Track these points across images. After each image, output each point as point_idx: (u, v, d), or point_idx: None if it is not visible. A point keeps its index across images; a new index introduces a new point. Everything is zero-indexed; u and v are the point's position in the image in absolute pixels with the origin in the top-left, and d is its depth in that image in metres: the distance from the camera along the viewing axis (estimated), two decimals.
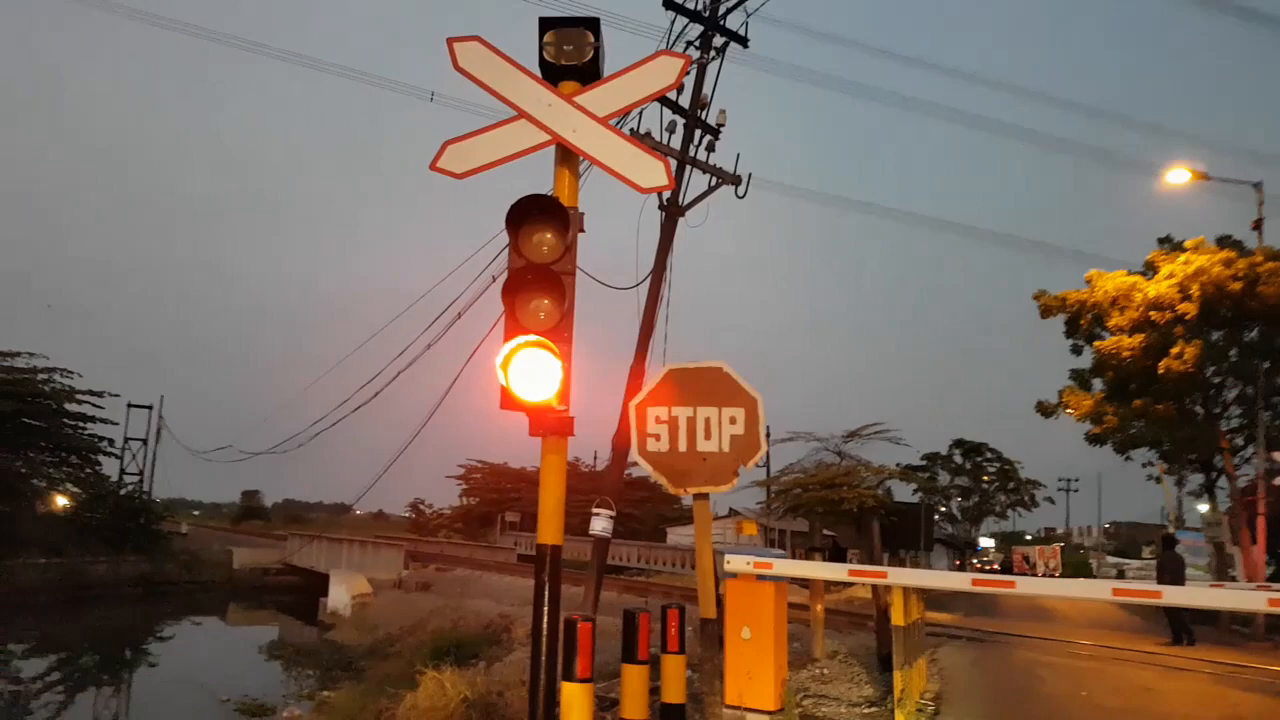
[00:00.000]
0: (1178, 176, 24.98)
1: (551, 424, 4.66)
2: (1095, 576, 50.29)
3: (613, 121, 4.93)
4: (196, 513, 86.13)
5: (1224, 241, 25.68)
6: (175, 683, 20.84)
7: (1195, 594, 7.60)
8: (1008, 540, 73.58)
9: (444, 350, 14.54)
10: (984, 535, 68.61)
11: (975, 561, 56.33)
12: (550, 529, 4.76)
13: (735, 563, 6.80)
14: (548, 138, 4.82)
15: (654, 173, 4.78)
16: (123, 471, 45.05)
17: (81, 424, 37.86)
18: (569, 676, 4.21)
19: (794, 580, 8.17)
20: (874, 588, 10.10)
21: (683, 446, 6.33)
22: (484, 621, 16.79)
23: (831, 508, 34.12)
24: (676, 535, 45.11)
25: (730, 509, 39.59)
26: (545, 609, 4.62)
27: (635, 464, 10.97)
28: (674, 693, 5.09)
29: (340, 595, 26.11)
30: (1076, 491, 71.32)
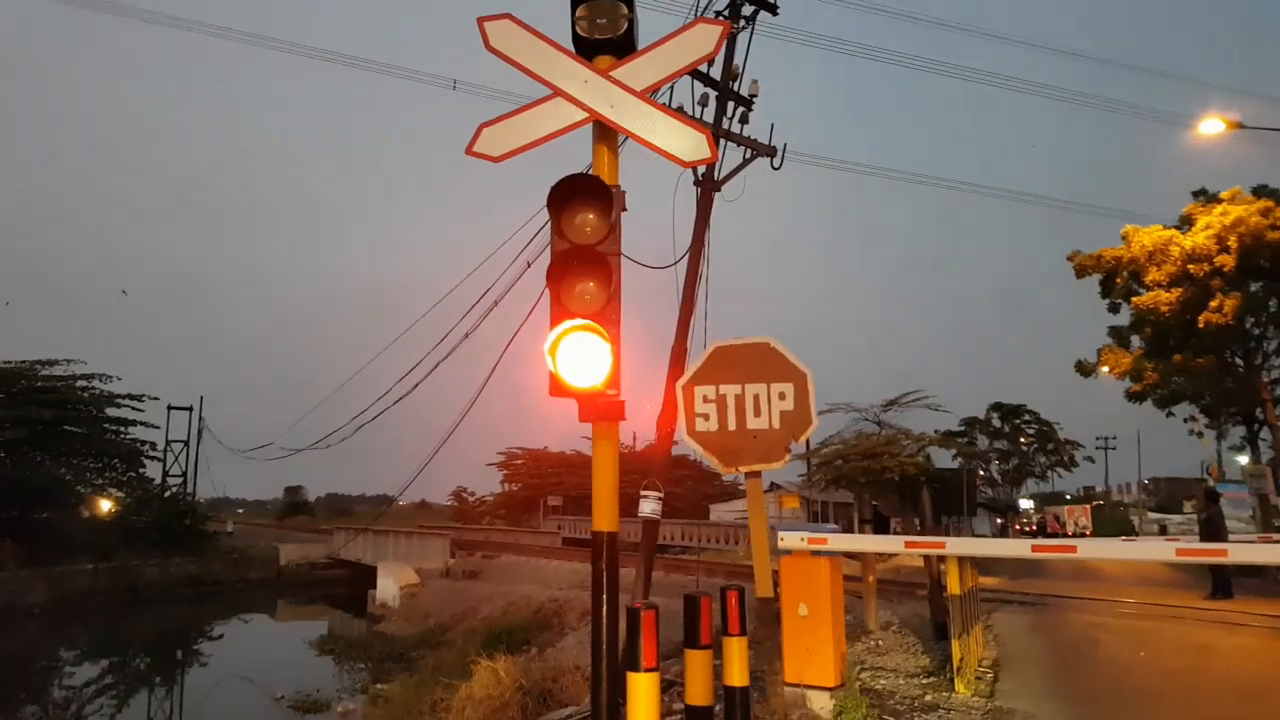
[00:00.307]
0: (1211, 127, 24.35)
1: (602, 409, 4.55)
2: (1137, 533, 49.86)
3: (651, 95, 4.81)
4: (241, 511, 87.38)
5: (1260, 191, 25.14)
6: (228, 681, 21.15)
7: (1261, 550, 7.42)
8: (1046, 501, 73.00)
9: (482, 338, 14.51)
10: (1023, 497, 68.02)
11: (1015, 525, 55.95)
12: (605, 516, 4.64)
13: (790, 539, 6.71)
14: (585, 115, 4.69)
15: (696, 145, 4.64)
16: (165, 474, 45.72)
17: (123, 428, 38.45)
18: (633, 666, 4.12)
19: (845, 553, 8.07)
20: (926, 557, 9.97)
21: (732, 425, 6.22)
22: (534, 607, 16.86)
23: (874, 477, 34.00)
24: (719, 511, 45.06)
25: (772, 483, 39.43)
26: (604, 597, 4.55)
27: (677, 443, 10.86)
28: (737, 675, 5.01)
29: (388, 586, 26.35)
30: (1114, 449, 70.20)
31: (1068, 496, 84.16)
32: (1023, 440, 60.19)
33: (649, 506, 8.33)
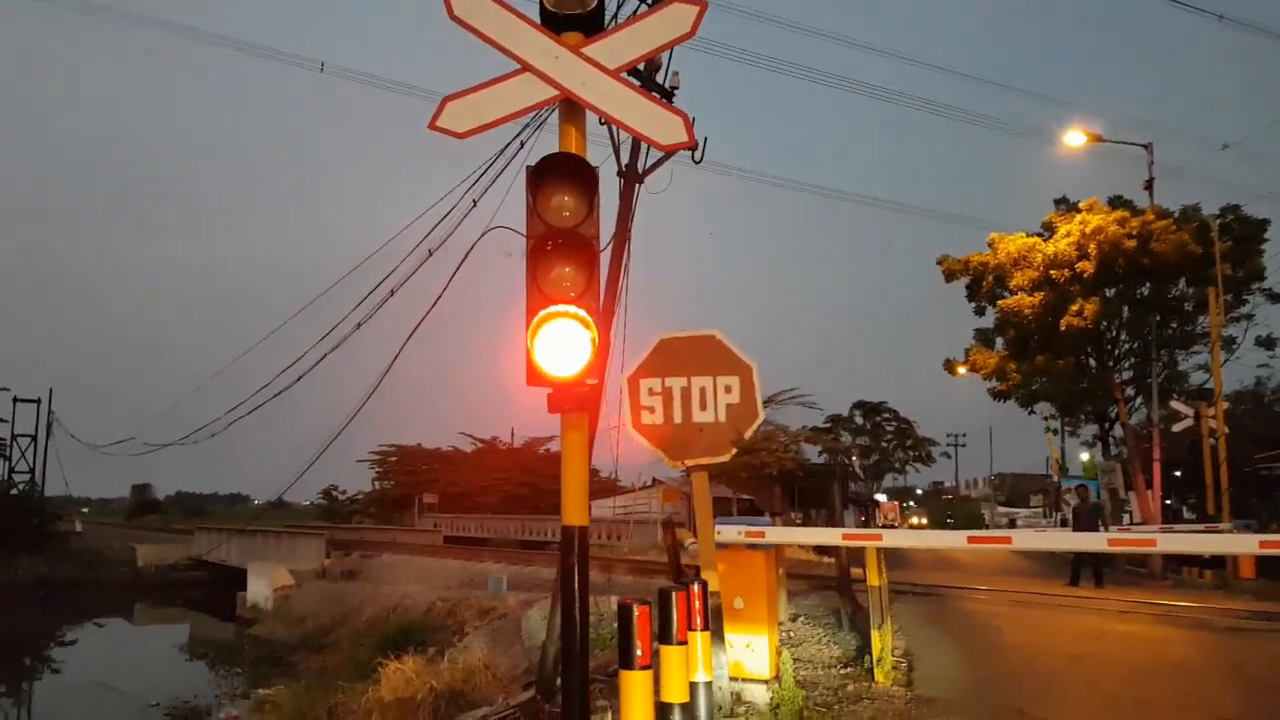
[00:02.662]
0: (1074, 139, 26.04)
1: (575, 399, 4.37)
2: (988, 526, 52.87)
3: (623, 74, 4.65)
4: (86, 510, 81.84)
5: (1116, 201, 26.84)
6: (87, 689, 19.70)
7: (1186, 540, 7.90)
8: (901, 495, 76.48)
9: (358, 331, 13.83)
10: (879, 492, 70.87)
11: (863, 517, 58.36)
12: (575, 510, 4.47)
13: (727, 533, 6.68)
14: (555, 92, 4.49)
15: (672, 128, 4.52)
16: (11, 470, 42.36)
17: None
18: (628, 664, 3.99)
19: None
20: (838, 549, 10.17)
21: (678, 418, 6.13)
22: (423, 607, 16.37)
23: (754, 472, 34.58)
24: (599, 507, 45.12)
25: (654, 479, 39.75)
26: (576, 593, 4.38)
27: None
28: (703, 670, 4.94)
29: (260, 588, 25.16)
30: (964, 446, 74.20)
31: (919, 491, 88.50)
32: (884, 437, 62.72)
33: None
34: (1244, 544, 8.25)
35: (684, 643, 4.46)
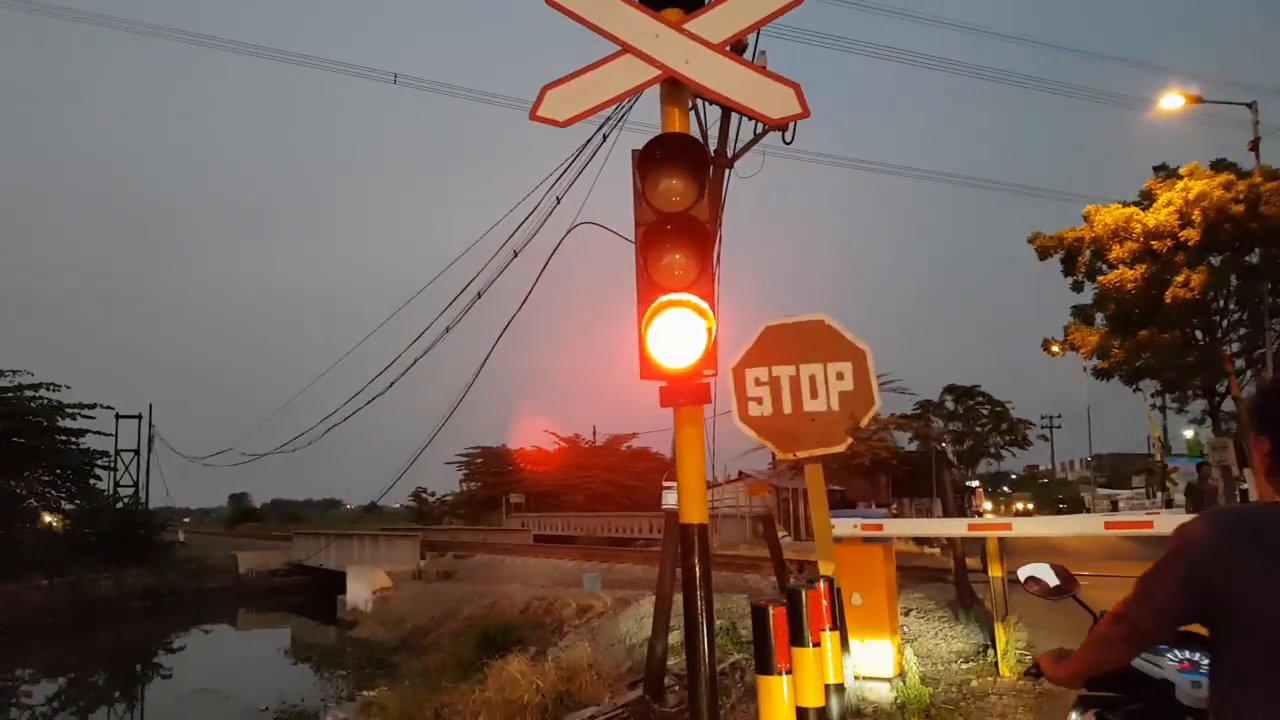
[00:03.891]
0: (1172, 102, 24.74)
1: (688, 392, 4.17)
2: (1090, 510, 50.99)
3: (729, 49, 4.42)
4: (188, 520, 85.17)
5: (1219, 165, 25.56)
6: (197, 694, 20.31)
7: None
8: (995, 481, 74.32)
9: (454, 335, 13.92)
10: (971, 479, 69.11)
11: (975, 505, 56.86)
12: (694, 506, 4.28)
13: (842, 526, 6.41)
14: (657, 73, 4.28)
15: (785, 101, 4.25)
16: (116, 484, 44.21)
17: (74, 438, 37.08)
18: (766, 669, 3.78)
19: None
20: (953, 540, 9.77)
21: (788, 408, 5.89)
22: (519, 606, 16.40)
23: (845, 462, 33.90)
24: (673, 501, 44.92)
25: (740, 471, 39.40)
26: (699, 594, 4.19)
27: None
28: (835, 672, 4.71)
29: (360, 591, 25.66)
30: (1059, 428, 71.73)
31: (1013, 476, 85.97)
32: (978, 421, 61.01)
33: (673, 498, 7.95)
34: None
35: (818, 644, 4.22)
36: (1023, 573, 2.84)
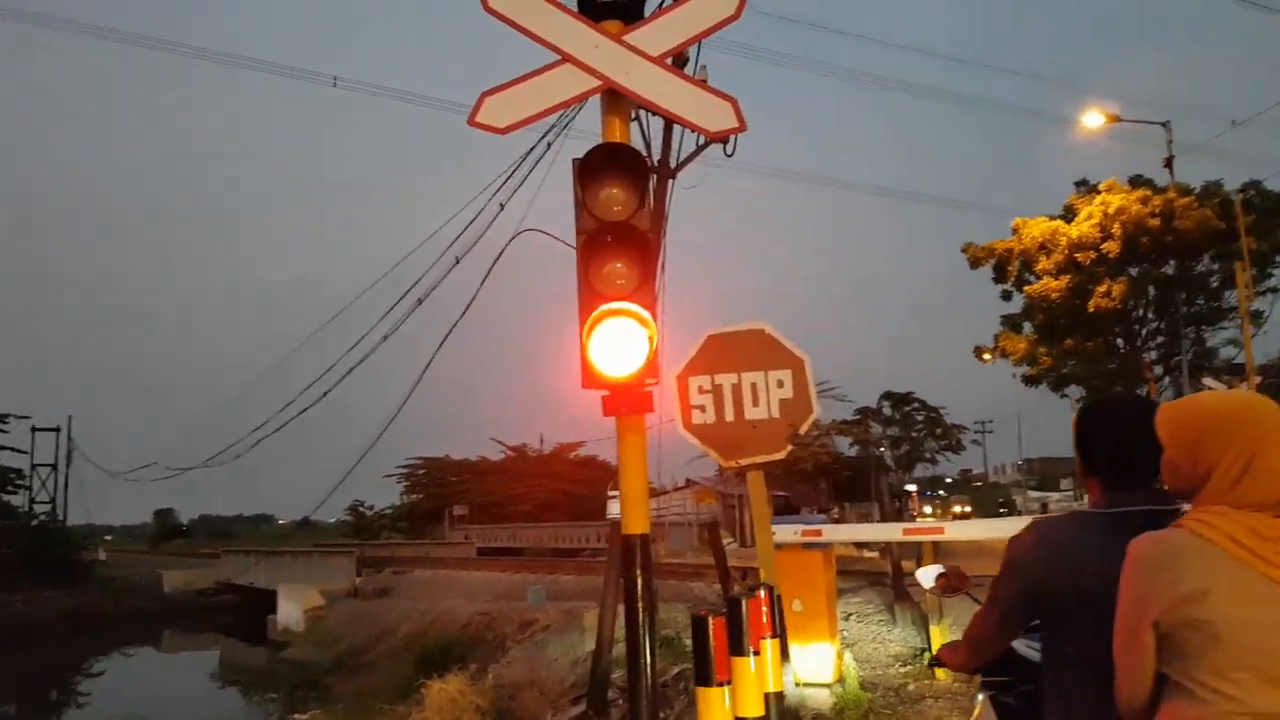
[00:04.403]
0: (1092, 120, 25.65)
1: (632, 401, 4.17)
2: (1021, 513, 52.32)
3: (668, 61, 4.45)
4: (109, 537, 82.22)
5: (1137, 181, 26.55)
6: None
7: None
8: (931, 484, 75.84)
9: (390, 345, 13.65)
10: (909, 483, 70.34)
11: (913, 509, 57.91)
12: (637, 517, 4.28)
13: (783, 533, 6.47)
14: (598, 83, 4.29)
15: (722, 114, 4.31)
16: (32, 500, 42.47)
17: None
18: (706, 681, 3.77)
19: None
20: (889, 545, 9.92)
21: (730, 416, 5.92)
22: (461, 622, 16.14)
23: (789, 468, 34.22)
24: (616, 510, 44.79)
25: (687, 479, 39.46)
26: (641, 605, 4.18)
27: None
28: (774, 680, 4.72)
29: (291, 610, 24.98)
30: (991, 433, 73.60)
31: (948, 480, 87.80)
32: (914, 427, 62.15)
33: (618, 507, 7.93)
34: None
35: (758, 653, 4.24)
36: (920, 574, 3.21)
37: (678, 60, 8.89)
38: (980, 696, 2.95)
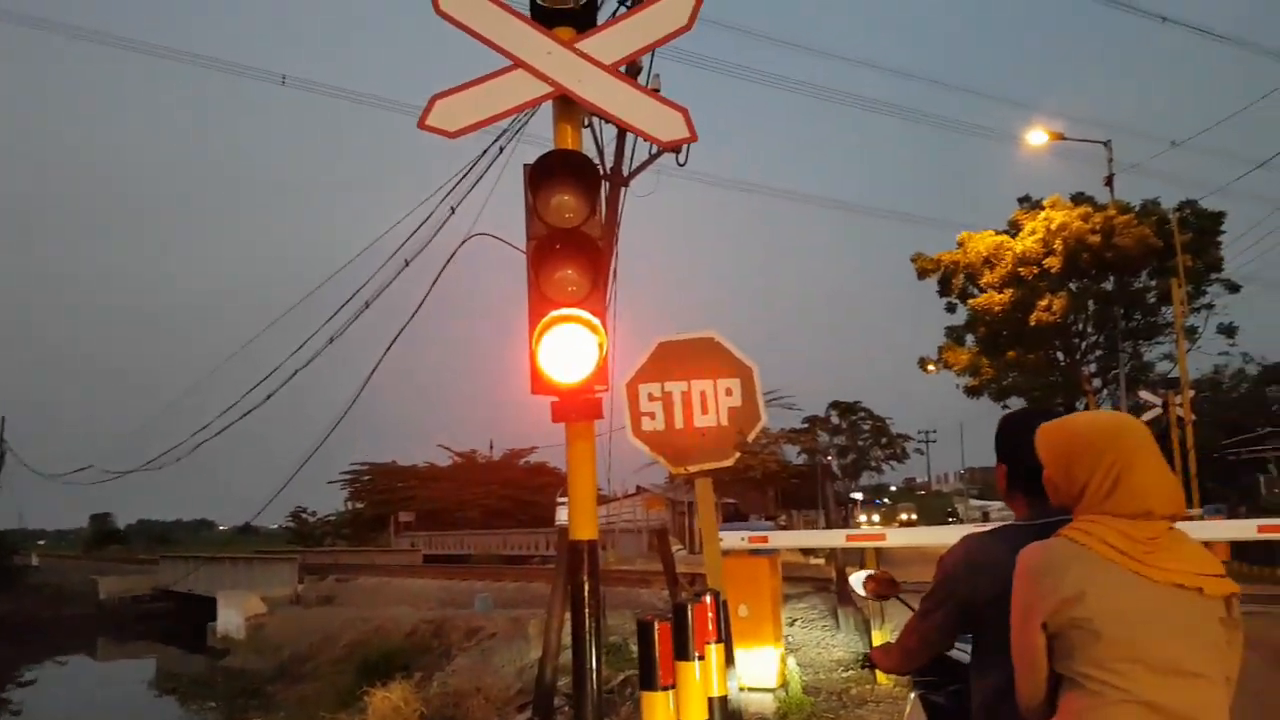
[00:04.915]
0: (1036, 138, 26.29)
1: (581, 407, 4.19)
2: (962, 520, 53.34)
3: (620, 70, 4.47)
4: (43, 542, 79.81)
5: (1079, 198, 27.22)
6: None
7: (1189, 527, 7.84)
8: (877, 492, 76.95)
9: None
10: (855, 491, 71.19)
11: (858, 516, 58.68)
12: (584, 522, 4.30)
13: (730, 539, 6.52)
14: (550, 89, 4.29)
15: (673, 124, 4.34)
16: None
17: None
18: (650, 685, 3.79)
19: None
20: (833, 550, 10.05)
21: (679, 423, 5.96)
22: (406, 630, 15.97)
23: (738, 475, 34.38)
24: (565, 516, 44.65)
25: (637, 486, 39.49)
26: (587, 610, 4.19)
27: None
28: (719, 685, 4.75)
29: (231, 617, 24.47)
30: (935, 442, 74.89)
31: (893, 488, 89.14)
32: (860, 436, 62.94)
33: (566, 514, 7.92)
34: (1243, 529, 8.25)
35: (702, 657, 4.27)
36: (852, 578, 3.28)
37: (631, 69, 8.97)
38: (911, 695, 3.06)
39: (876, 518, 54.85)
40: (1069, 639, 1.76)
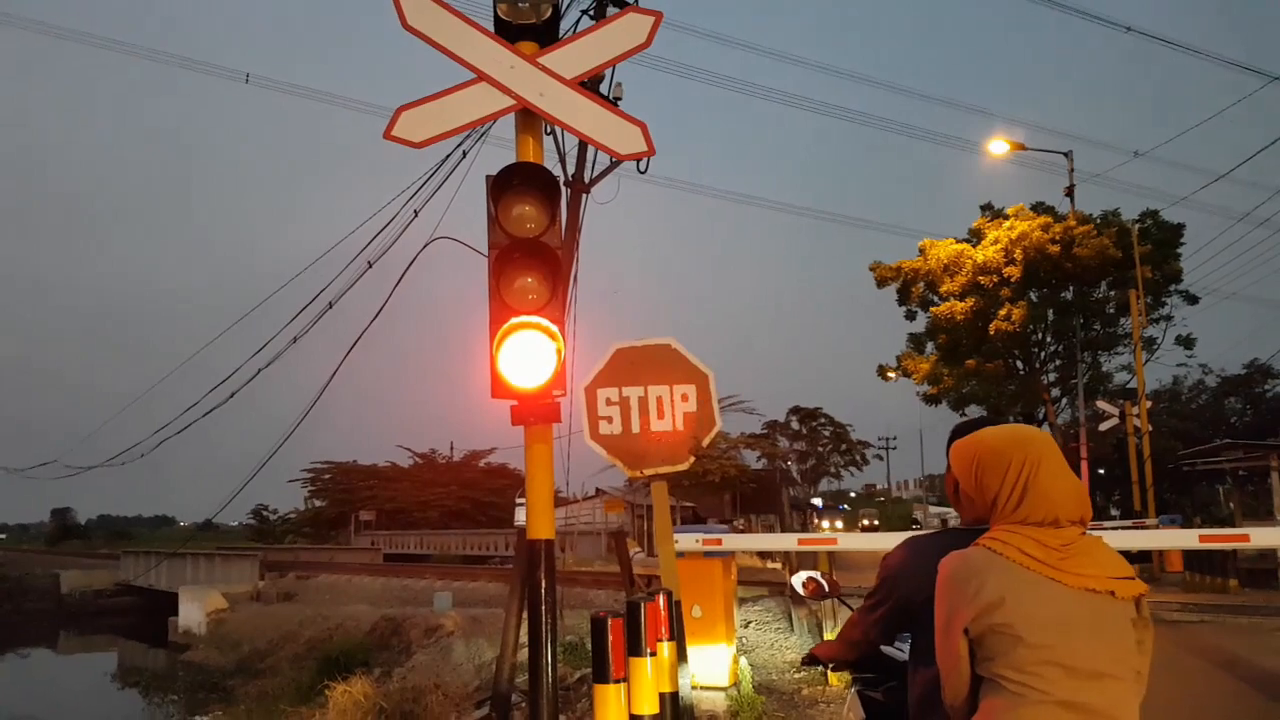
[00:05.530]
0: (998, 147, 26.70)
1: (538, 411, 4.33)
2: (922, 527, 53.98)
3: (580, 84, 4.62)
4: (3, 536, 78.39)
5: (1039, 208, 27.63)
6: None
7: (1129, 536, 8.13)
8: (836, 498, 77.67)
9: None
10: (815, 496, 71.83)
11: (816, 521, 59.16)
12: (541, 522, 4.44)
13: (685, 541, 6.68)
14: (512, 102, 4.44)
15: (631, 138, 4.50)
16: None
17: None
18: (603, 678, 3.95)
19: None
20: (787, 554, 10.26)
21: (636, 428, 6.11)
22: (366, 627, 16.00)
23: (697, 480, 34.57)
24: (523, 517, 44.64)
25: (596, 489, 39.62)
26: (544, 608, 4.33)
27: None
28: (670, 681, 4.92)
29: (193, 612, 24.32)
30: (895, 449, 75.69)
31: (852, 495, 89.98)
32: (820, 442, 63.50)
33: (525, 515, 8.05)
34: (1184, 539, 8.54)
35: (654, 654, 4.43)
36: (793, 579, 3.44)
37: (592, 79, 9.11)
38: (850, 691, 3.24)
39: (840, 524, 55.36)
40: (990, 643, 1.84)
